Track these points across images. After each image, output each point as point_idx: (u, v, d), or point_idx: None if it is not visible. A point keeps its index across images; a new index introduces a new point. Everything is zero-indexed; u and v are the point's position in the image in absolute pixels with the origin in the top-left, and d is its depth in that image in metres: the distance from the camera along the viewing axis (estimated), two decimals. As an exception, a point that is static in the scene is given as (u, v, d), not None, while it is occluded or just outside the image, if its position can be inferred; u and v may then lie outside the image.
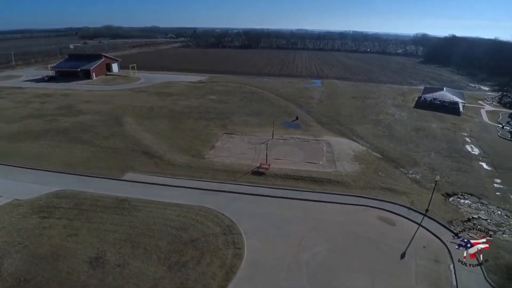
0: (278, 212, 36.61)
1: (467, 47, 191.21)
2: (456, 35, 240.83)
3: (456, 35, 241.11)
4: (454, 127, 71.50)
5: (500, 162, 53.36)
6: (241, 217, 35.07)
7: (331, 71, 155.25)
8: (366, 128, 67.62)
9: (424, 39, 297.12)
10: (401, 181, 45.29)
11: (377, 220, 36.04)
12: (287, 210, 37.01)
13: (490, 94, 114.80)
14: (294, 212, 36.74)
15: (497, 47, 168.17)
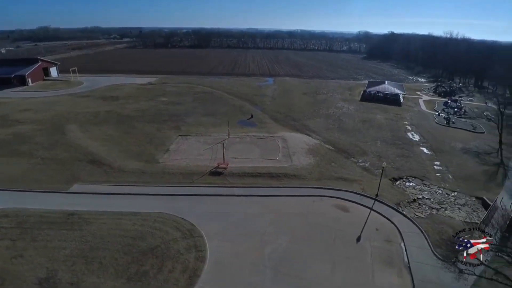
0: (238, 210, 36.64)
1: (405, 43, 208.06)
2: (395, 32, 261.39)
3: (394, 32, 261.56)
4: (396, 117, 77.41)
5: (438, 146, 59.01)
6: (201, 219, 34.48)
7: (282, 69, 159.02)
8: (318, 122, 70.43)
9: (366, 36, 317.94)
10: (352, 170, 47.99)
11: (333, 208, 37.81)
12: (247, 208, 37.20)
13: (426, 85, 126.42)
14: (254, 209, 37.04)
15: (431, 42, 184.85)
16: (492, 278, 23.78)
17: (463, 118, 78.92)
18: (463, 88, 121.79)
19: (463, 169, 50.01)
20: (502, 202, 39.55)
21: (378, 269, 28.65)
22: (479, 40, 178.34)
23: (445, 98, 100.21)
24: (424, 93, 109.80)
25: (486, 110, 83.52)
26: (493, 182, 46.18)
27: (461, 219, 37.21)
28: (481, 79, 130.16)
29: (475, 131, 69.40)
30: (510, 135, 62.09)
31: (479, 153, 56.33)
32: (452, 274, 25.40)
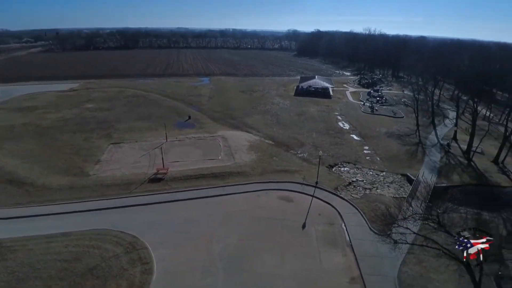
0: (183, 215, 35.34)
1: (330, 40, 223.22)
2: (321, 30, 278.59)
3: (320, 30, 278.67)
4: (327, 108, 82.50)
5: (365, 132, 64.39)
6: (144, 230, 32.44)
7: (217, 68, 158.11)
8: (256, 119, 71.55)
9: (295, 34, 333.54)
10: (293, 162, 49.81)
11: (278, 200, 38.78)
12: (193, 211, 36.11)
13: (351, 78, 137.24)
14: (200, 211, 36.11)
15: (352, 38, 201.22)
16: (422, 244, 26.75)
17: (385, 105, 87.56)
18: (383, 78, 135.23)
19: (388, 151, 55.40)
20: (424, 177, 44.89)
21: (324, 251, 30.24)
22: (393, 35, 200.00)
23: (368, 88, 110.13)
24: (350, 85, 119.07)
25: (403, 97, 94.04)
26: (414, 160, 52.05)
27: (391, 195, 41.26)
28: (397, 70, 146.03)
29: (395, 116, 77.54)
30: (424, 118, 70.58)
31: (401, 136, 63.04)
32: (388, 245, 27.99)
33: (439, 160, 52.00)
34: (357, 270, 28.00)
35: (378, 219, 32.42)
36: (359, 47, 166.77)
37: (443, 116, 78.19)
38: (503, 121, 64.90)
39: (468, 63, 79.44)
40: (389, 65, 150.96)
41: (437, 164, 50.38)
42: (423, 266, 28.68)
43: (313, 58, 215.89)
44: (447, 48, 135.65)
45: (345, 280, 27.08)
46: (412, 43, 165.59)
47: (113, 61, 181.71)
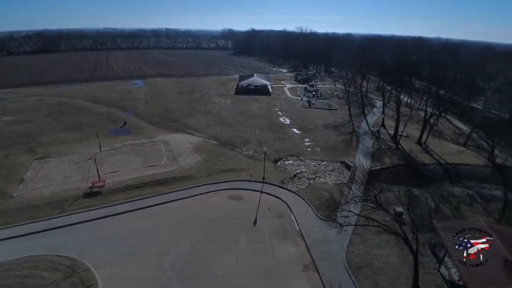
0: (127, 228, 32.92)
1: (265, 38, 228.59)
2: (255, 29, 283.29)
3: (255, 29, 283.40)
4: (268, 105, 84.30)
5: (305, 125, 67.23)
6: (83, 251, 29.47)
7: (152, 70, 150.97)
8: (198, 120, 70.00)
9: (230, 33, 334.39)
10: (239, 160, 49.81)
11: (227, 200, 38.41)
12: (138, 223, 33.85)
13: (288, 75, 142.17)
14: (145, 222, 34.00)
15: (286, 36, 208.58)
16: (365, 224, 28.77)
17: (320, 99, 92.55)
18: (317, 74, 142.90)
19: (327, 141, 58.63)
20: (360, 162, 48.46)
21: (276, 244, 30.80)
22: (323, 33, 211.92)
23: (304, 84, 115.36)
24: (287, 82, 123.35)
25: (336, 90, 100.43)
26: (350, 147, 55.89)
27: (333, 182, 43.74)
28: (329, 65, 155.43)
29: (330, 108, 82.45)
30: (356, 108, 76.08)
31: (336, 126, 67.22)
32: (335, 229, 29.56)
33: (371, 146, 56.63)
34: (309, 257, 29.10)
35: (323, 206, 34.05)
36: (293, 45, 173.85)
37: (371, 106, 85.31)
38: (422, 107, 73.15)
39: (389, 57, 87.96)
40: (321, 61, 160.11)
41: (370, 150, 54.76)
42: (367, 244, 30.97)
43: (250, 56, 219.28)
44: (370, 44, 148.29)
45: (299, 269, 27.95)
46: (340, 40, 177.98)
47: (31, 67, 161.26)
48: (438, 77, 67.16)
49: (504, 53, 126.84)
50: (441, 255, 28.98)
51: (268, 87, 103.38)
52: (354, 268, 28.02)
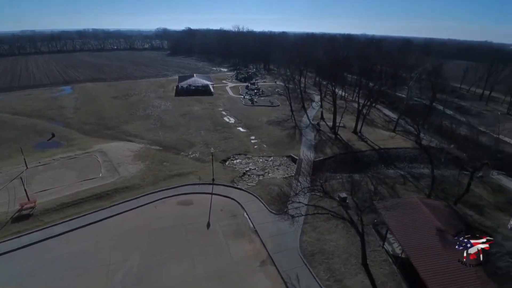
0: (68, 250, 29.69)
1: (202, 38, 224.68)
2: (192, 28, 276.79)
3: (191, 28, 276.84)
4: (211, 105, 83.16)
5: (249, 123, 67.73)
6: (20, 282, 25.88)
7: (80, 74, 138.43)
8: (137, 125, 66.15)
9: (165, 33, 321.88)
10: (185, 163, 48.23)
11: (177, 206, 36.92)
12: (80, 242, 30.73)
13: (229, 74, 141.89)
14: (88, 240, 31.00)
15: (223, 35, 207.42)
16: (314, 212, 29.90)
17: (262, 97, 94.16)
18: (257, 72, 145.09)
19: (272, 137, 59.84)
20: (304, 154, 50.36)
21: (232, 244, 30.51)
22: (260, 32, 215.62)
23: (246, 82, 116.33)
24: (228, 81, 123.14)
25: (277, 87, 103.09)
26: (294, 141, 57.79)
27: (281, 176, 44.79)
28: (268, 63, 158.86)
29: (273, 105, 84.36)
30: (296, 104, 78.83)
31: (280, 122, 69.01)
32: (287, 222, 30.25)
33: (314, 138, 59.30)
34: (265, 252, 29.38)
35: (274, 201, 34.60)
36: (232, 44, 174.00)
37: (310, 101, 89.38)
38: (355, 99, 78.71)
39: (323, 53, 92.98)
40: (260, 60, 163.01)
41: (312, 142, 57.28)
42: (318, 231, 32.33)
43: (188, 56, 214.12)
44: (305, 41, 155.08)
45: (256, 265, 28.07)
46: (276, 38, 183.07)
47: None
48: (366, 71, 72.96)
49: (420, 46, 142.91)
50: (384, 232, 31.53)
51: (209, 87, 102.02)
52: (308, 256, 29.06)
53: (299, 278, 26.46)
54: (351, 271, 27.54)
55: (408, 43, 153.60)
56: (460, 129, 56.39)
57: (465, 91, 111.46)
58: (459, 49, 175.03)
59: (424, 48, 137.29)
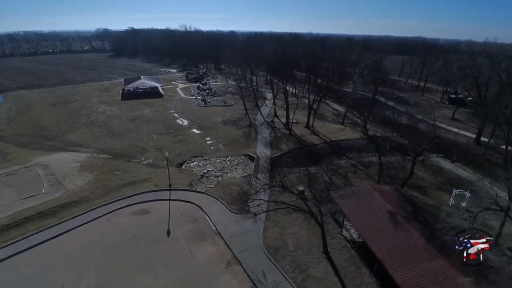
0: (13, 277, 26.62)
1: (148, 38, 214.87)
2: (135, 28, 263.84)
3: (135, 28, 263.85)
4: (162, 108, 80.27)
5: (204, 124, 66.67)
6: None
7: (12, 81, 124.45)
8: (82, 134, 61.49)
9: (107, 34, 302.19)
10: (139, 171, 46.00)
11: (132, 216, 35.06)
12: (27, 266, 27.74)
13: (178, 74, 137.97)
14: (36, 263, 28.08)
15: (170, 35, 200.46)
16: (275, 208, 30.38)
17: (215, 97, 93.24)
18: (208, 72, 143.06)
19: (228, 137, 59.58)
20: (261, 152, 50.89)
21: (195, 249, 29.82)
22: (208, 31, 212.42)
23: (197, 83, 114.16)
24: (179, 82, 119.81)
25: (229, 86, 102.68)
26: (250, 140, 58.16)
27: (240, 175, 44.83)
28: (218, 63, 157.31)
29: (226, 105, 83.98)
30: (250, 102, 79.25)
31: (235, 121, 68.95)
32: (250, 220, 30.31)
33: (269, 135, 60.25)
34: (230, 253, 29.20)
35: (235, 200, 34.44)
36: (179, 44, 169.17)
37: (263, 99, 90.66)
38: (305, 95, 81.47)
39: (272, 52, 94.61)
40: (210, 59, 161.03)
41: (268, 139, 58.16)
42: (280, 226, 32.97)
43: (133, 57, 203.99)
44: (253, 40, 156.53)
45: (222, 267, 27.79)
46: (225, 37, 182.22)
47: None
48: (314, 68, 75.85)
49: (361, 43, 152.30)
50: (341, 220, 33.15)
51: (159, 89, 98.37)
52: (273, 251, 29.50)
53: (266, 274, 26.74)
54: (314, 261, 28.53)
55: (350, 41, 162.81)
56: (401, 118, 61.41)
57: (403, 83, 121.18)
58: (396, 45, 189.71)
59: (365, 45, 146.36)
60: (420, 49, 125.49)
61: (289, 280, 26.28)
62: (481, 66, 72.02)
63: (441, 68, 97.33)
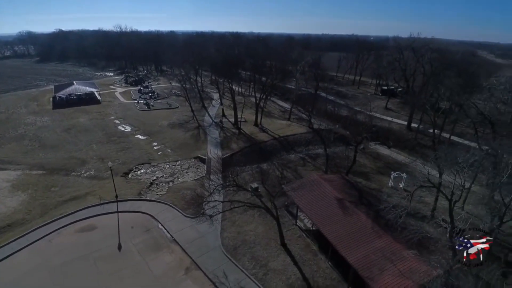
0: None
1: (79, 40, 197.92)
2: (64, 30, 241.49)
3: (63, 30, 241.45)
4: (100, 115, 74.95)
5: (149, 129, 63.81)
6: None
7: None
8: (10, 149, 54.73)
9: (31, 37, 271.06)
10: (80, 184, 42.47)
11: (77, 234, 32.26)
12: None
13: (116, 78, 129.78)
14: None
15: (104, 36, 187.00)
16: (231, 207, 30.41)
17: (159, 100, 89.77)
18: (148, 74, 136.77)
19: (176, 140, 57.85)
20: (212, 153, 50.35)
21: (151, 260, 28.51)
22: (146, 31, 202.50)
23: (137, 86, 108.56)
24: (117, 86, 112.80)
25: (173, 88, 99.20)
26: (200, 142, 57.19)
27: (192, 179, 43.88)
28: (159, 64, 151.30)
29: (171, 107, 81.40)
30: (196, 103, 77.69)
31: (182, 124, 67.15)
32: (206, 223, 29.81)
33: (219, 136, 59.89)
34: (188, 259, 28.51)
35: (189, 205, 33.53)
36: (115, 45, 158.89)
37: (210, 99, 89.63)
38: (251, 93, 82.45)
39: (215, 51, 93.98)
40: (150, 61, 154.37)
41: (218, 140, 57.79)
42: (237, 225, 33.08)
43: (63, 62, 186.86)
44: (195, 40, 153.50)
45: (181, 274, 27.04)
46: (165, 37, 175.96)
47: None
48: (258, 67, 77.23)
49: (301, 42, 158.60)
50: (295, 211, 34.35)
51: (95, 95, 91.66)
52: (232, 251, 29.50)
53: (227, 274, 26.64)
54: (273, 254, 29.18)
55: (290, 40, 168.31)
56: (342, 111, 65.42)
57: (341, 78, 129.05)
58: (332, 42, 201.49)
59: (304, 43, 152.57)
60: (353, 46, 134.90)
61: (250, 277, 26.54)
62: (408, 59, 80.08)
63: (373, 62, 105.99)
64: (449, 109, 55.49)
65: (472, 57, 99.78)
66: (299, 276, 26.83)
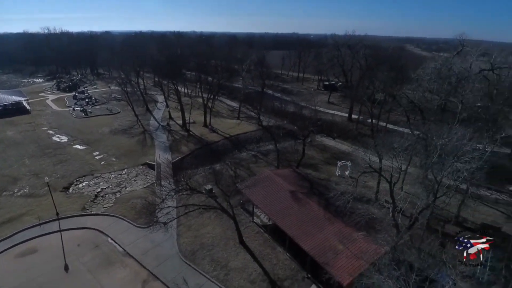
0: None
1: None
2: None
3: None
4: (31, 126, 67.58)
5: (88, 138, 59.20)
6: None
7: None
8: None
9: None
10: (12, 205, 37.97)
11: (15, 260, 28.90)
12: None
13: (47, 84, 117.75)
14: None
15: (30, 39, 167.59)
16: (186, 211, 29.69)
17: (97, 105, 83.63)
18: (83, 79, 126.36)
19: (120, 148, 54.58)
20: (161, 158, 48.54)
21: (103, 277, 26.70)
22: (78, 32, 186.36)
23: (72, 92, 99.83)
24: (48, 93, 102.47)
25: (112, 92, 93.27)
26: (147, 147, 54.72)
27: (141, 187, 41.90)
28: (95, 67, 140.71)
29: (112, 113, 76.41)
30: (139, 107, 74.00)
31: (125, 129, 63.53)
32: (161, 230, 28.68)
33: (167, 139, 57.92)
34: (144, 271, 27.27)
35: (141, 214, 32.04)
36: (43, 49, 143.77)
37: (154, 102, 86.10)
38: (198, 94, 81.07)
39: (157, 52, 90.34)
40: (85, 64, 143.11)
41: (166, 144, 55.87)
42: (193, 229, 32.48)
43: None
44: (133, 40, 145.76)
45: (138, 287, 25.68)
46: (100, 38, 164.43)
47: None
48: (203, 66, 76.18)
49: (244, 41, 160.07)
50: (251, 209, 34.74)
51: (23, 104, 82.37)
52: (190, 256, 28.90)
53: (187, 281, 26.05)
54: (232, 253, 29.22)
55: (234, 38, 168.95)
56: (288, 107, 67.53)
57: (285, 75, 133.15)
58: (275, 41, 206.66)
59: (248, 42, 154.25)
60: (295, 44, 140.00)
61: (211, 280, 26.28)
62: (345, 56, 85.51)
63: (314, 60, 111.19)
64: (384, 100, 60.57)
65: (401, 51, 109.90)
66: (260, 272, 27.27)
